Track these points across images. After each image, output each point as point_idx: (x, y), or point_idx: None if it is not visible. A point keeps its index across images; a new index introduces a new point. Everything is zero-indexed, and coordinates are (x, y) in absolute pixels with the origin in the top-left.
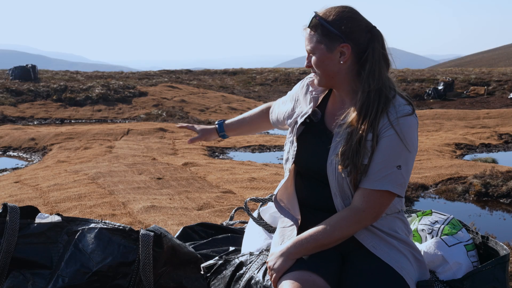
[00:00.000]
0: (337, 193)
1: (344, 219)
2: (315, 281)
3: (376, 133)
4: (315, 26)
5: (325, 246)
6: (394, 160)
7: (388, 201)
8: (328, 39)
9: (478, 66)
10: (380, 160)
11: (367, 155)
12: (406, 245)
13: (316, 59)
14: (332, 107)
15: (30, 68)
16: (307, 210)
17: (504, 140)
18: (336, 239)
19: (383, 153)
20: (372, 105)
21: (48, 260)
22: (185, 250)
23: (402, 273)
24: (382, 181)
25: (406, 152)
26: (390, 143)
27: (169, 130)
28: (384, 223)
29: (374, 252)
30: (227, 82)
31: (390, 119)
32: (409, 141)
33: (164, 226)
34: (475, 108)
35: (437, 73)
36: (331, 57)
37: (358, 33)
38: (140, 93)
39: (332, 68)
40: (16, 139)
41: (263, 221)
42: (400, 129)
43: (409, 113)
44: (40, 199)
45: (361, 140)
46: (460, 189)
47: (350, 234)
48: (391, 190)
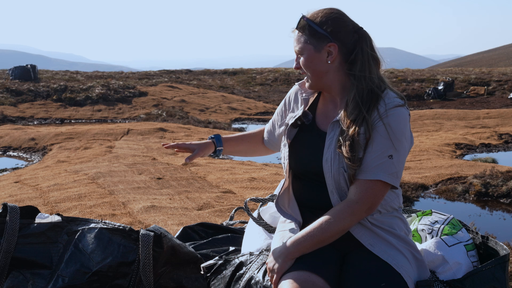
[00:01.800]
0: (333, 190)
1: (339, 212)
2: (314, 281)
3: (368, 127)
4: (303, 27)
5: (323, 242)
6: (385, 150)
7: (382, 192)
8: (316, 39)
9: (478, 66)
10: (372, 151)
11: (361, 149)
12: (405, 244)
13: (304, 59)
14: (323, 108)
15: (30, 68)
16: (309, 211)
17: (504, 140)
18: (333, 233)
19: (374, 144)
20: (365, 102)
21: (48, 260)
22: (185, 250)
23: (400, 271)
24: (374, 171)
25: (396, 141)
26: (380, 134)
27: (169, 130)
28: (383, 221)
29: (372, 250)
30: (227, 82)
31: (379, 111)
32: (398, 131)
33: (164, 226)
34: (475, 108)
35: (437, 73)
36: (319, 57)
37: (345, 33)
38: (140, 93)
39: (320, 68)
40: (16, 139)
41: (263, 221)
42: (388, 120)
43: (398, 104)
44: (40, 199)
45: (354, 135)
46: (460, 189)
47: (346, 227)
48: (383, 180)
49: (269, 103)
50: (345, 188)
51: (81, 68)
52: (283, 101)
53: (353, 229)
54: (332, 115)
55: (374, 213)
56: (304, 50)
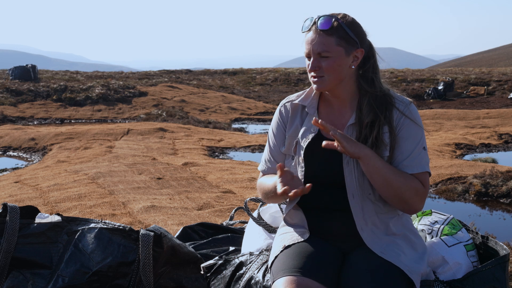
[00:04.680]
0: (354, 193)
1: (412, 181)
2: (308, 285)
3: (393, 126)
4: (335, 28)
5: (378, 175)
6: (420, 143)
7: (428, 182)
8: (347, 42)
9: (478, 66)
10: (409, 147)
11: (386, 148)
12: (412, 241)
13: (332, 62)
14: (327, 116)
15: (30, 68)
16: (323, 212)
17: (504, 140)
18: (393, 183)
19: (410, 140)
20: (381, 103)
21: (48, 260)
22: (185, 250)
23: (405, 270)
24: (418, 165)
25: (423, 134)
26: (411, 130)
27: (169, 130)
28: (397, 223)
29: (383, 257)
30: (227, 82)
31: (401, 110)
32: (421, 125)
33: (164, 226)
34: (475, 108)
35: (437, 73)
36: (346, 61)
37: (366, 40)
38: (140, 93)
39: (344, 72)
40: (16, 139)
41: (263, 221)
42: (412, 116)
43: (410, 101)
44: (40, 199)
45: (378, 135)
46: (460, 189)
47: (403, 194)
48: (428, 170)
49: (269, 103)
50: (370, 189)
51: (81, 68)
52: (276, 127)
53: (365, 238)
54: (340, 121)
55: (393, 216)
56: (333, 52)
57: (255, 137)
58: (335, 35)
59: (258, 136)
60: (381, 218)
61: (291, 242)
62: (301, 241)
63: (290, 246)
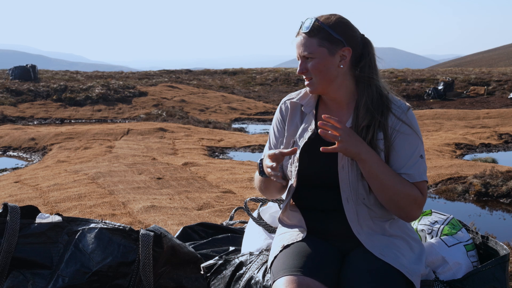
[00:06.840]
0: (349, 198)
1: (408, 187)
2: (309, 284)
3: (387, 132)
4: (316, 30)
5: (377, 180)
6: (417, 151)
7: (426, 190)
8: (330, 42)
9: (478, 66)
10: (405, 154)
11: (381, 153)
12: (409, 243)
13: (316, 63)
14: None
15: (30, 68)
16: (317, 212)
17: (504, 140)
18: (389, 186)
19: (405, 147)
20: (377, 106)
21: (48, 260)
22: (185, 250)
23: (404, 272)
24: (415, 173)
25: (421, 141)
26: (408, 138)
27: (169, 130)
28: (393, 225)
29: (383, 259)
30: (227, 82)
31: (397, 115)
32: (418, 131)
33: (164, 226)
34: (475, 108)
35: (437, 73)
36: (331, 61)
37: (355, 39)
38: (140, 93)
39: (332, 72)
40: (16, 139)
41: (263, 221)
42: (410, 122)
43: (409, 107)
44: (40, 199)
45: (373, 140)
46: (460, 189)
47: (398, 199)
48: (425, 179)
49: (269, 103)
50: (364, 194)
51: (81, 68)
52: (276, 124)
53: (363, 241)
54: (341, 120)
55: (389, 220)
56: (316, 53)
57: (255, 137)
58: (317, 36)
59: (258, 136)
60: (376, 222)
61: (290, 241)
62: (300, 241)
63: (289, 246)
